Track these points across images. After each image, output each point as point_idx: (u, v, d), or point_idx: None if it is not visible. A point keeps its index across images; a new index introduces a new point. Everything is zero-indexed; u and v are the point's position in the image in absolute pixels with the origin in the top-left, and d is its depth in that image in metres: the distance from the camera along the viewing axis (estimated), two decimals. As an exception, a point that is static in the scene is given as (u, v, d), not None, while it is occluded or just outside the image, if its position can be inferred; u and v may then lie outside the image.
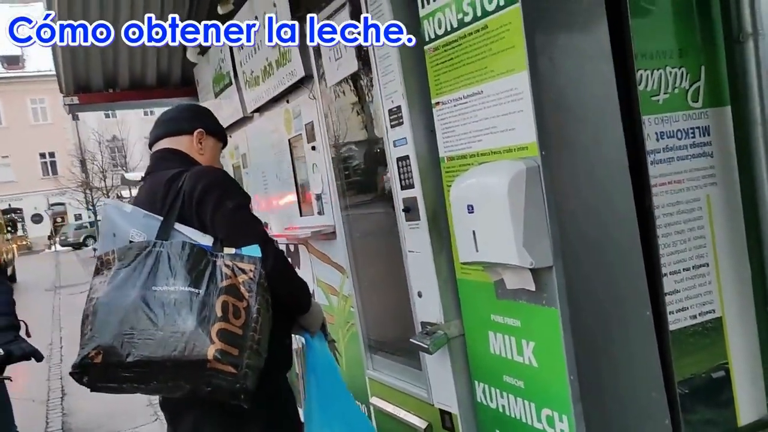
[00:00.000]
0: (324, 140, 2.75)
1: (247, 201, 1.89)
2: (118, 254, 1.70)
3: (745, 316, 2.47)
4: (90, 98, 4.26)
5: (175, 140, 2.01)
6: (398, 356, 2.56)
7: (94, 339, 1.57)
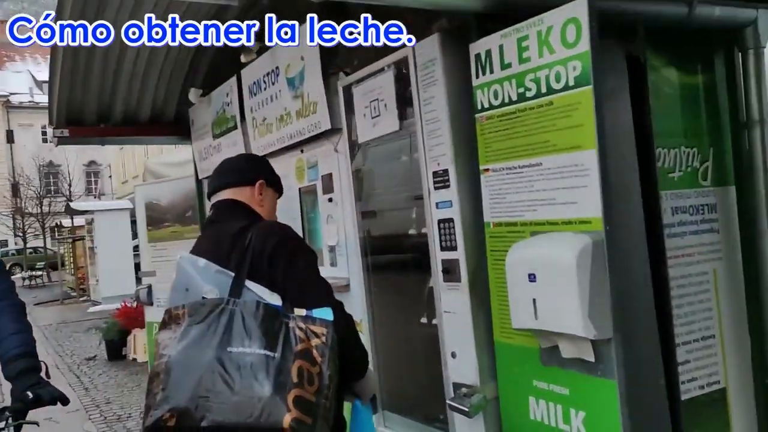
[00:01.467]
0: (349, 194, 2.77)
1: (315, 259, 1.88)
2: (189, 310, 1.65)
3: (745, 388, 2.60)
4: (81, 131, 4.15)
5: (237, 191, 1.98)
6: (416, 416, 2.54)
7: (168, 401, 1.51)
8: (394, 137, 2.51)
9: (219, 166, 2.10)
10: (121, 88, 4.06)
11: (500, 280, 2.06)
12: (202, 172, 4.39)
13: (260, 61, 3.33)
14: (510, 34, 1.97)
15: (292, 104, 3.09)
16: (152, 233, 5.32)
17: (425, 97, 2.25)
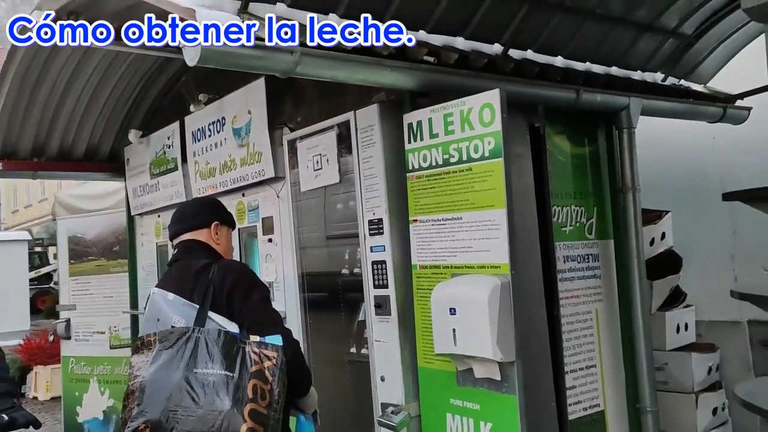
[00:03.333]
0: (290, 236, 3.09)
1: (268, 293, 2.18)
2: (160, 337, 1.92)
3: (620, 410, 3.10)
4: (14, 165, 4.21)
5: (196, 233, 2.27)
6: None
7: (144, 414, 1.77)
8: (333, 188, 2.88)
9: (177, 211, 2.39)
10: (60, 122, 4.18)
11: (424, 314, 2.45)
12: (135, 208, 4.55)
13: (206, 110, 3.62)
14: (438, 110, 2.40)
15: (237, 152, 3.39)
16: (74, 267, 5.34)
17: (364, 156, 2.65)
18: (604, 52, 3.18)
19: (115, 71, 3.91)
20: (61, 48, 3.49)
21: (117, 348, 5.02)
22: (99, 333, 5.13)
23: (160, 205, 4.23)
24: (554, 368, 2.79)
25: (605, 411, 3.06)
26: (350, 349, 2.94)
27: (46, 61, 3.61)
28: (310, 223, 3.04)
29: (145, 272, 4.53)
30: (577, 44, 3.03)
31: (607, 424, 3.07)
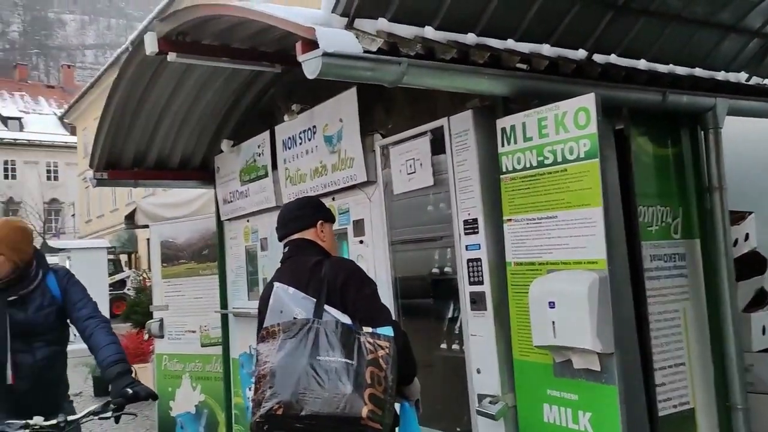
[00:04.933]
0: (382, 237, 3.26)
1: (376, 287, 2.37)
2: (283, 327, 2.13)
3: (710, 408, 3.12)
4: (118, 174, 4.55)
5: (303, 233, 2.48)
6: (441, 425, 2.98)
7: (277, 395, 1.98)
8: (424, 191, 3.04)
9: (282, 214, 2.59)
10: (158, 135, 4.50)
11: (520, 308, 2.57)
12: (225, 214, 4.83)
13: (297, 120, 3.84)
14: (532, 115, 2.53)
15: (329, 158, 3.59)
16: (166, 269, 5.68)
17: (458, 159, 2.79)
18: (687, 53, 3.24)
19: (210, 86, 4.18)
20: (164, 68, 3.78)
21: (207, 346, 5.31)
22: (190, 332, 5.44)
23: (249, 210, 4.49)
24: (643, 365, 2.86)
25: (695, 409, 3.09)
26: (441, 345, 3.08)
27: (150, 80, 3.92)
28: (402, 224, 3.20)
29: (234, 274, 4.80)
30: (661, 47, 3.10)
31: (697, 422, 3.10)
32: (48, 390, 3.11)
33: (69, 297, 3.03)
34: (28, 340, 2.95)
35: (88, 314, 3.01)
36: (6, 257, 2.85)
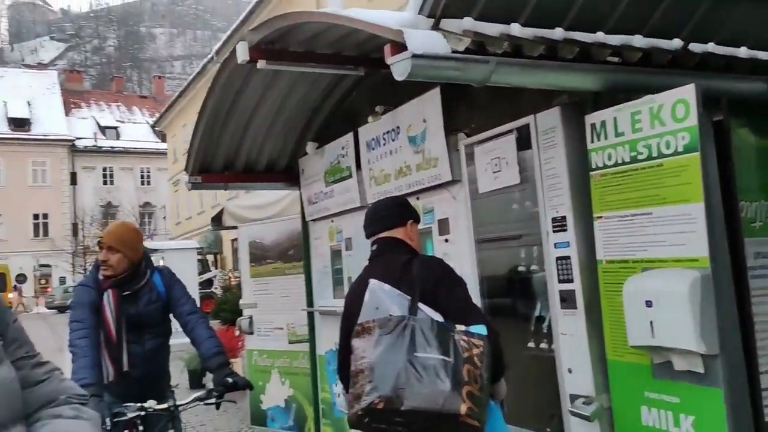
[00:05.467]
0: (468, 235, 3.26)
1: (467, 286, 2.38)
2: (379, 323, 2.17)
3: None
4: (210, 178, 4.77)
5: (392, 231, 2.52)
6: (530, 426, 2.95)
7: (377, 390, 2.02)
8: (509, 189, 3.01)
9: (371, 212, 2.64)
10: (246, 142, 4.68)
11: (613, 307, 2.51)
12: (310, 214, 4.95)
13: (380, 121, 3.90)
14: (623, 109, 2.46)
15: (413, 158, 3.63)
16: (254, 269, 5.89)
17: (545, 157, 2.75)
18: (792, 39, 3.05)
19: (296, 91, 4.31)
20: (253, 75, 3.93)
21: (294, 343, 5.46)
22: (278, 329, 5.62)
23: (334, 210, 4.59)
24: (748, 368, 2.72)
25: (804, 415, 2.91)
26: (528, 343, 3.04)
27: (240, 88, 4.08)
28: (487, 222, 3.19)
29: (320, 273, 4.91)
30: (763, 33, 2.93)
31: (807, 429, 2.92)
32: (155, 378, 3.37)
33: (172, 294, 3.28)
34: (139, 332, 3.21)
35: (189, 310, 3.27)
36: (123, 255, 3.12)
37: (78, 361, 2.96)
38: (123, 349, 3.15)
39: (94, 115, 50.40)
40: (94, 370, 2.95)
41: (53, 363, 1.31)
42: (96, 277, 3.18)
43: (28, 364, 1.26)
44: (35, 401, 1.21)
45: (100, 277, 3.16)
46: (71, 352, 3.03)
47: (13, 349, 1.23)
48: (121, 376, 3.14)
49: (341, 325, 2.58)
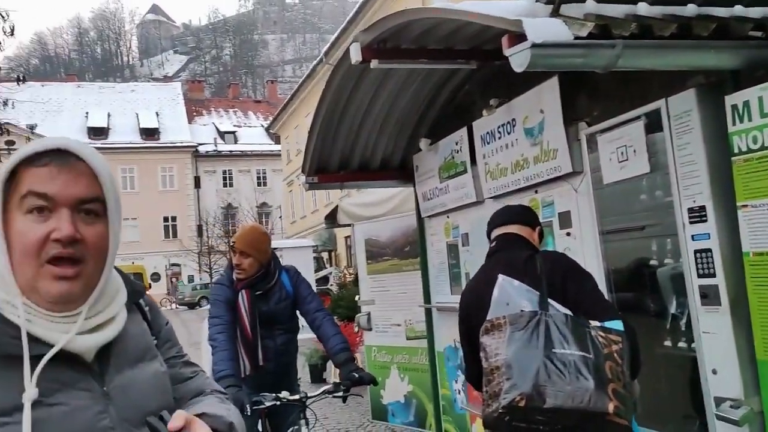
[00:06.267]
0: (592, 228, 3.12)
1: (595, 281, 2.28)
2: (510, 319, 2.11)
3: None
4: (326, 178, 4.91)
5: (521, 228, 2.46)
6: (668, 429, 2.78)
7: (517, 387, 1.97)
8: (637, 179, 2.85)
9: (502, 208, 2.59)
10: (360, 141, 4.76)
11: (762, 303, 2.30)
12: (425, 211, 4.96)
13: (494, 114, 3.82)
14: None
15: (530, 151, 3.52)
16: (371, 266, 5.99)
17: (679, 143, 2.57)
18: None
19: (407, 88, 4.32)
20: (365, 75, 3.98)
21: (412, 339, 5.50)
22: (396, 325, 5.68)
23: (449, 206, 4.56)
24: None
25: None
26: (664, 342, 2.86)
27: (353, 88, 4.16)
28: (613, 214, 3.03)
29: (437, 270, 4.91)
30: None
31: None
32: (285, 371, 3.57)
33: (299, 292, 3.44)
34: (270, 328, 3.39)
35: (316, 307, 3.41)
36: (254, 258, 3.31)
37: (217, 354, 3.16)
38: (258, 344, 3.33)
39: (214, 122, 53.48)
40: (232, 363, 3.14)
41: (198, 365, 1.41)
42: (230, 276, 3.38)
43: (179, 363, 1.34)
44: (187, 394, 1.30)
45: (234, 278, 3.35)
46: (211, 345, 3.25)
47: (166, 349, 1.31)
48: (256, 370, 3.33)
49: (460, 324, 2.55)
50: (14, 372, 1.01)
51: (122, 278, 1.24)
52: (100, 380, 1.10)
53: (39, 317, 1.05)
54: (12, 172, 1.06)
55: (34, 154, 1.06)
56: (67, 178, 1.06)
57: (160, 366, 1.23)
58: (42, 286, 1.05)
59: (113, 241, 1.12)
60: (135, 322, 1.23)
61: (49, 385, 1.02)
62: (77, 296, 1.08)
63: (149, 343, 1.25)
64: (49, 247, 1.04)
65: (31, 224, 1.05)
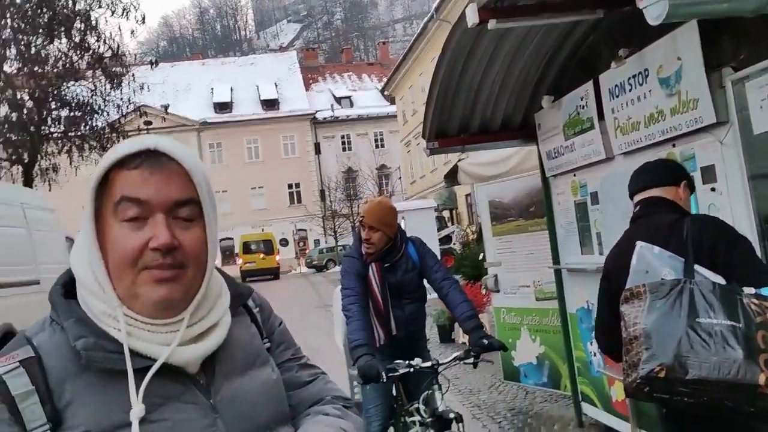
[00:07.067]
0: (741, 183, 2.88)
1: (751, 244, 2.11)
2: (650, 288, 2.02)
3: None
4: (447, 142, 4.88)
5: (664, 189, 2.31)
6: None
7: (656, 358, 1.90)
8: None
9: (639, 169, 2.44)
10: (479, 102, 4.66)
11: None
12: (550, 170, 4.80)
13: (625, 65, 3.59)
14: None
15: (666, 102, 3.28)
16: (496, 228, 5.93)
17: None
18: None
19: (526, 45, 4.16)
20: (483, 36, 3.88)
21: (542, 300, 5.42)
22: (524, 287, 5.61)
23: (576, 164, 4.38)
24: None
25: None
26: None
27: (470, 50, 4.06)
28: (765, 167, 2.78)
29: (564, 230, 4.76)
30: None
31: None
32: (416, 339, 3.68)
33: (426, 262, 3.49)
34: (399, 298, 3.49)
35: (442, 276, 3.45)
36: (383, 232, 3.40)
37: (352, 324, 3.30)
38: (390, 314, 3.44)
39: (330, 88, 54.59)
40: (365, 332, 3.27)
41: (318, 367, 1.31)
42: (359, 249, 3.49)
43: (295, 366, 1.24)
44: (303, 402, 1.20)
45: (363, 252, 3.46)
46: (345, 315, 3.40)
47: (280, 352, 1.23)
48: (389, 339, 3.44)
49: (601, 289, 2.47)
50: (115, 388, 0.97)
51: (225, 280, 1.17)
52: (206, 392, 1.04)
53: (140, 328, 1.01)
54: (103, 176, 1.01)
55: (124, 156, 1.00)
56: (160, 179, 1.00)
57: (271, 372, 1.15)
58: (142, 292, 1.00)
59: (211, 243, 1.05)
60: (242, 326, 1.16)
61: (153, 400, 0.98)
62: (178, 301, 1.02)
63: (259, 348, 1.17)
64: (147, 256, 0.99)
65: (127, 232, 0.99)
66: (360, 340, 3.18)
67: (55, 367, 0.97)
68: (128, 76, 16.56)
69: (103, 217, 1.01)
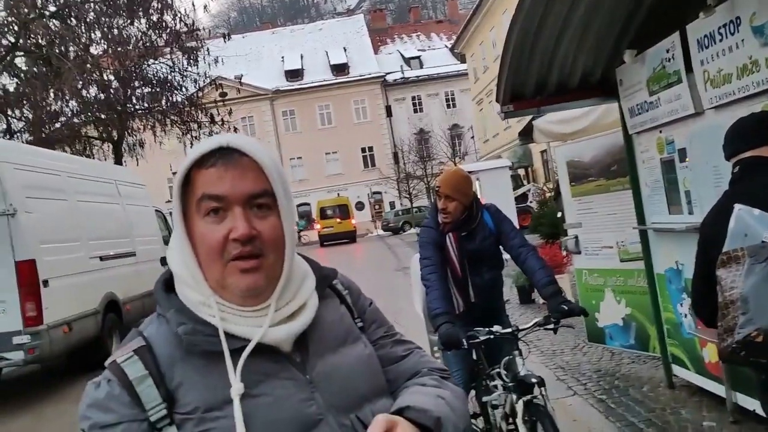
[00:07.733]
0: None
1: None
2: (749, 251, 1.96)
3: None
4: (522, 105, 4.78)
5: (760, 150, 2.21)
6: None
7: (753, 322, 1.86)
8: None
9: (733, 129, 2.33)
10: (556, 62, 4.52)
11: None
12: (633, 127, 4.63)
13: (714, 15, 3.39)
14: None
15: (760, 52, 3.09)
16: (575, 188, 5.79)
17: None
18: None
19: (604, 0, 3.99)
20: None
21: (627, 261, 5.29)
22: (607, 248, 5.49)
23: (662, 121, 4.20)
24: None
25: None
26: None
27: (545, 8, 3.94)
28: None
29: (650, 189, 4.60)
30: None
31: None
32: (495, 306, 3.68)
33: (502, 229, 3.49)
34: (477, 265, 3.51)
35: (519, 243, 3.45)
36: (459, 202, 3.42)
37: (431, 293, 3.36)
38: (468, 282, 3.47)
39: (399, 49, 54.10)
40: (444, 300, 3.31)
41: (413, 342, 1.35)
42: (436, 218, 3.52)
43: (389, 343, 1.28)
44: (400, 377, 1.24)
45: (440, 221, 3.48)
46: (425, 285, 3.45)
47: (373, 330, 1.28)
48: (468, 306, 3.48)
49: (697, 258, 2.39)
50: (217, 368, 1.05)
51: (310, 264, 1.23)
52: (302, 368, 1.11)
53: (232, 314, 1.09)
54: (186, 177, 1.09)
55: (201, 156, 1.08)
56: (234, 174, 1.07)
57: (364, 348, 1.21)
58: (231, 282, 1.07)
59: (288, 231, 1.11)
60: (331, 308, 1.22)
61: (252, 378, 1.05)
62: (263, 288, 1.09)
63: (349, 326, 1.23)
64: (230, 246, 1.06)
65: (210, 226, 1.07)
66: (440, 309, 3.24)
67: (164, 353, 1.08)
68: (203, 51, 17.01)
69: (190, 214, 1.09)
